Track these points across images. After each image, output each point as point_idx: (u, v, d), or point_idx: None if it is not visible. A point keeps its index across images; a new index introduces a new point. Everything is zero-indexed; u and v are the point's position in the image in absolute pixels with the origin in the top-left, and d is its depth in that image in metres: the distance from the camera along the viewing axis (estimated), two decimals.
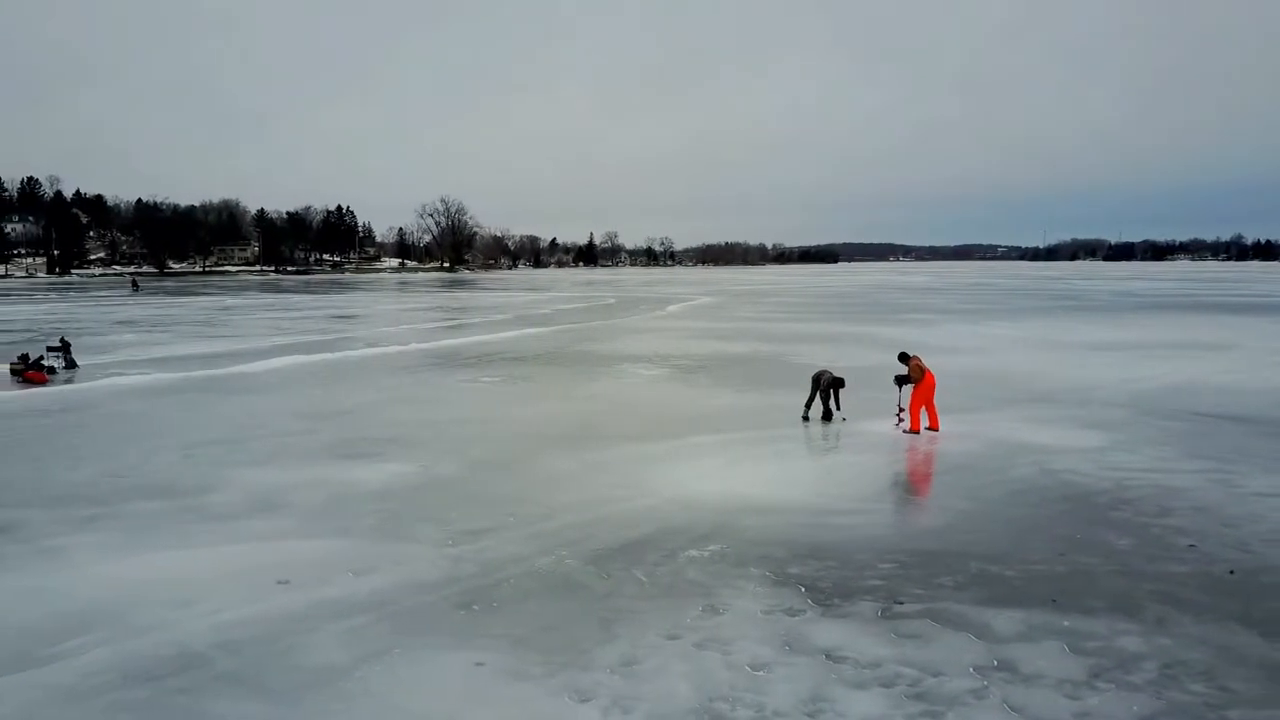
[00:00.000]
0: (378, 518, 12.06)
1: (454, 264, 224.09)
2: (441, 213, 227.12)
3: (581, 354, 33.03)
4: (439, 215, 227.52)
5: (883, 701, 7.08)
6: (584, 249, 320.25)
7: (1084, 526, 11.65)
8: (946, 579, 9.76)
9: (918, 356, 18.30)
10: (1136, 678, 7.45)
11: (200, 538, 11.28)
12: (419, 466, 14.92)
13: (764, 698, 7.12)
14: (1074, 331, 41.04)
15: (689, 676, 7.47)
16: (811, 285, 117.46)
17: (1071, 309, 59.51)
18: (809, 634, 8.33)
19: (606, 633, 8.37)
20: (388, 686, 7.35)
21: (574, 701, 7.08)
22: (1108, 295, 79.86)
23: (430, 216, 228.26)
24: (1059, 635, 8.28)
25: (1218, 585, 9.57)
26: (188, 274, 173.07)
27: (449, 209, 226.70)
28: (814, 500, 12.96)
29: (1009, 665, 7.68)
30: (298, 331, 42.90)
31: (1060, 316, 52.11)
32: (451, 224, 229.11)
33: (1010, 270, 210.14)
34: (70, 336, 38.23)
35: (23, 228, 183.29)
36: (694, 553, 10.64)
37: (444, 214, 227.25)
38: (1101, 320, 48.89)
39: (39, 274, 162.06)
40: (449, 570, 10.06)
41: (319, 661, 7.80)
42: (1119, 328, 43.51)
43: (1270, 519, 11.93)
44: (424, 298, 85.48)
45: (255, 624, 8.59)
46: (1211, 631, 8.36)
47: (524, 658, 7.85)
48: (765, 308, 65.23)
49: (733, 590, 9.44)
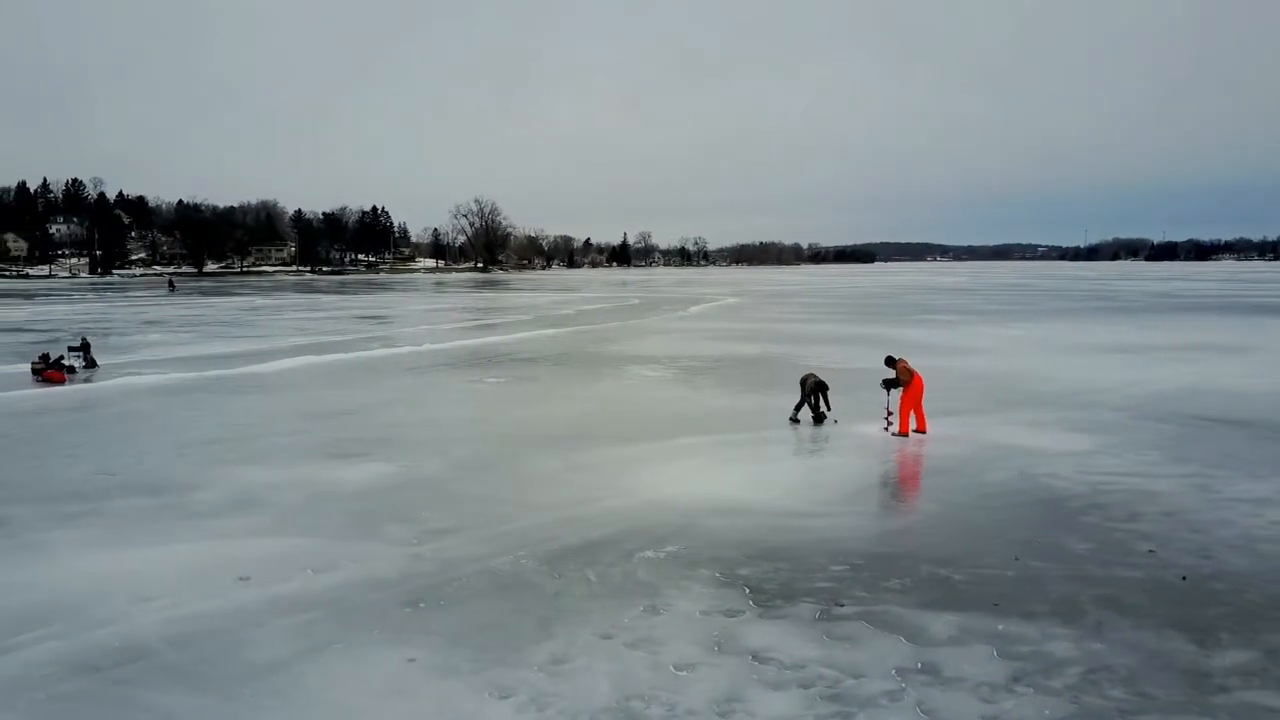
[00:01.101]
0: (350, 517, 12.32)
1: (487, 264, 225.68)
2: (475, 213, 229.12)
3: (592, 355, 33.26)
4: (473, 216, 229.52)
5: (796, 702, 7.19)
6: (617, 249, 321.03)
7: (1047, 530, 11.63)
8: (894, 582, 9.82)
9: (904, 359, 18.28)
10: (1057, 682, 7.49)
11: (175, 535, 11.61)
12: (402, 467, 15.19)
13: (679, 697, 7.25)
14: (1095, 333, 40.59)
15: (612, 675, 7.62)
16: (841, 286, 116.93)
17: (1100, 310, 58.79)
18: (742, 635, 8.45)
19: (543, 631, 8.55)
20: (320, 681, 7.58)
21: (493, 698, 7.26)
22: (1141, 296, 78.72)
23: (464, 217, 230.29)
24: (991, 639, 8.33)
25: (1166, 591, 9.55)
26: (225, 274, 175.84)
27: (483, 209, 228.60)
28: (784, 502, 13.04)
29: (932, 668, 7.75)
30: (318, 332, 43.55)
31: (1085, 318, 51.50)
32: (485, 224, 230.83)
33: (1047, 270, 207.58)
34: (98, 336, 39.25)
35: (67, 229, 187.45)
36: (650, 554, 10.78)
37: (478, 214, 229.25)
38: (1127, 322, 48.27)
39: (81, 274, 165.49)
40: (406, 569, 10.29)
41: (259, 656, 8.05)
42: (1143, 329, 42.96)
43: (1239, 525, 11.84)
44: (451, 298, 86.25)
45: (207, 619, 8.87)
46: (1146, 637, 8.37)
47: (456, 654, 8.04)
48: (789, 309, 65.09)
49: (678, 591, 9.58)
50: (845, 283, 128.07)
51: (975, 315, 54.40)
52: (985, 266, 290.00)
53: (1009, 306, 63.80)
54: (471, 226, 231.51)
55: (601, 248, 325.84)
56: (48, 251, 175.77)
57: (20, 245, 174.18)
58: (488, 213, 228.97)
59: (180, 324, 49.78)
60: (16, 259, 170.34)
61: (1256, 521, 11.96)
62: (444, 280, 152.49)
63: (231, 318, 55.44)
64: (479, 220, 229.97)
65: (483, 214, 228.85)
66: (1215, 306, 62.06)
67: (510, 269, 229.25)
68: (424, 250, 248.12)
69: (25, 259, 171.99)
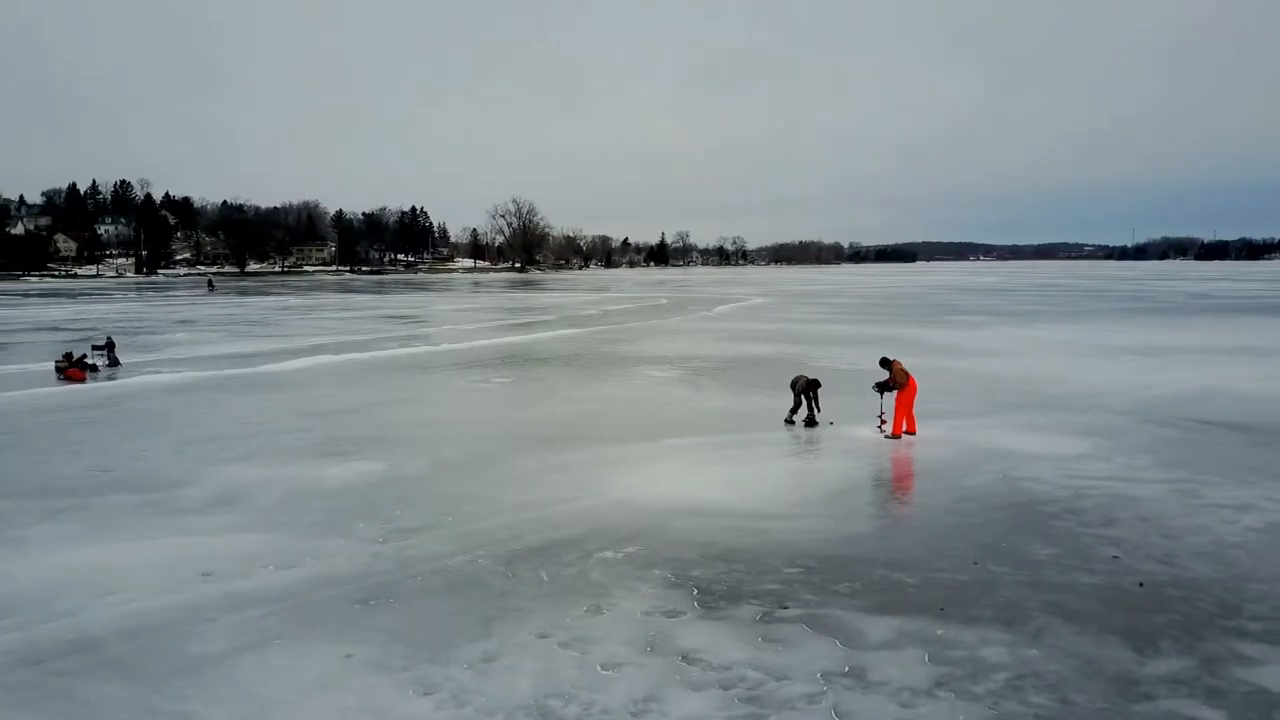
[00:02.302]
0: (324, 515, 12.54)
1: (524, 264, 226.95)
2: (513, 214, 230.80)
3: (604, 356, 33.38)
4: (510, 216, 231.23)
5: (713, 703, 7.24)
6: (655, 249, 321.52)
7: (1014, 535, 11.54)
8: (843, 585, 9.82)
9: (898, 360, 18.17)
10: (981, 688, 7.46)
11: (153, 530, 11.91)
12: (388, 465, 15.41)
13: (598, 696, 7.33)
14: (1119, 335, 39.94)
15: (536, 674, 7.72)
16: (876, 285, 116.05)
17: (1130, 311, 57.80)
18: (677, 636, 8.51)
19: (482, 630, 8.67)
20: (252, 675, 7.76)
21: (416, 694, 7.40)
22: (1178, 297, 77.20)
23: (502, 218, 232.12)
24: (926, 643, 8.31)
25: (1118, 597, 9.45)
26: (266, 274, 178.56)
27: (520, 210, 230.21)
28: (756, 504, 13.05)
29: (859, 672, 7.75)
30: (342, 332, 44.14)
31: (1113, 319, 50.68)
32: (523, 225, 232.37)
33: (1089, 270, 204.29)
34: (130, 335, 40.17)
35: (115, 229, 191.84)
36: (609, 554, 10.87)
37: (515, 215, 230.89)
38: (1155, 323, 47.42)
39: (128, 274, 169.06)
40: (365, 566, 10.47)
41: (200, 650, 8.26)
42: (1171, 331, 42.19)
43: (1214, 531, 11.66)
44: (482, 298, 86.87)
45: (160, 613, 9.11)
46: (1085, 644, 8.30)
47: (391, 651, 8.19)
48: (816, 309, 64.77)
49: (625, 591, 9.65)
50: (879, 283, 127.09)
51: (1001, 316, 53.76)
52: (1026, 266, 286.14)
53: (1039, 307, 62.94)
54: (509, 227, 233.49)
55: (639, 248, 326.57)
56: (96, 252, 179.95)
57: (70, 245, 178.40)
58: (525, 213, 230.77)
59: (211, 323, 50.72)
60: (66, 259, 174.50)
61: (1231, 529, 11.76)
62: (480, 280, 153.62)
63: (261, 317, 56.35)
64: (516, 220, 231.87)
65: (520, 214, 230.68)
66: (1252, 308, 60.73)
67: (547, 269, 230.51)
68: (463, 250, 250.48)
69: (74, 259, 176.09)
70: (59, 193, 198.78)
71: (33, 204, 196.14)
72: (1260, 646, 8.21)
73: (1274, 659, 7.96)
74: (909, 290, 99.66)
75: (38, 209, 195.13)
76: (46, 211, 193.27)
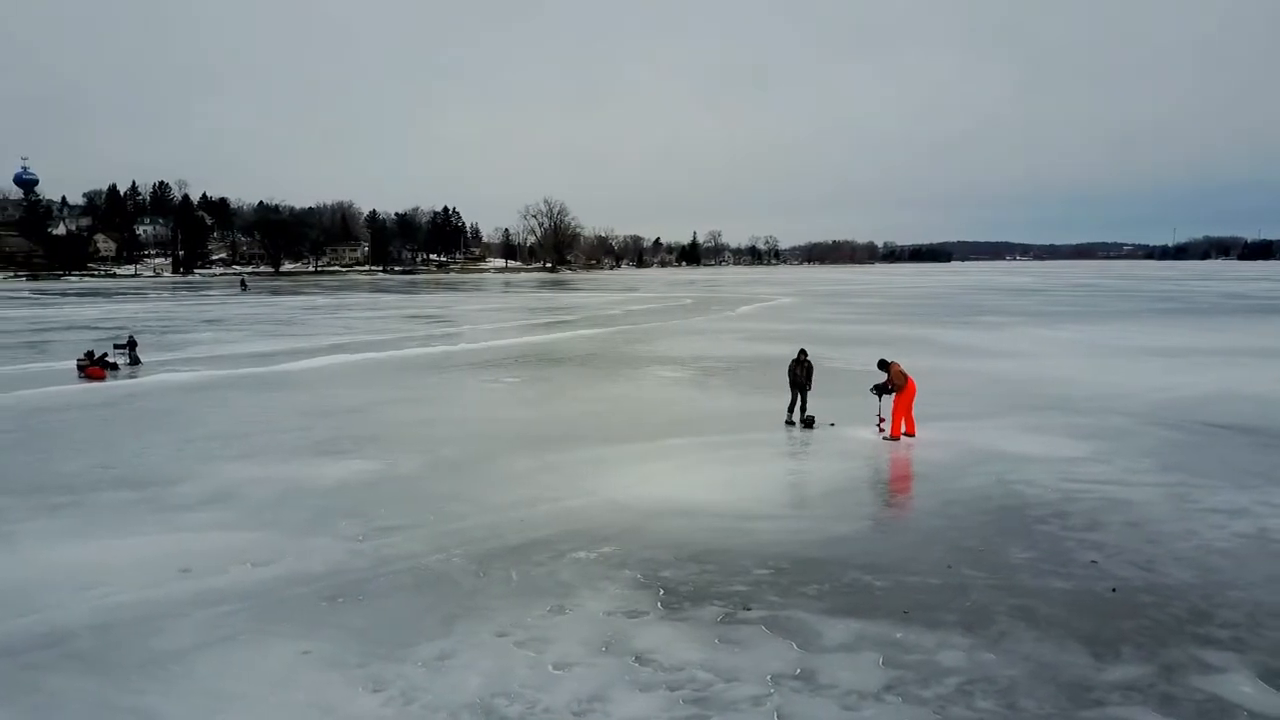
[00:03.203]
0: (311, 513, 12.70)
1: (556, 264, 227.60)
2: (544, 213, 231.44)
3: (617, 356, 33.42)
4: (541, 216, 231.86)
5: (657, 704, 7.26)
6: (686, 249, 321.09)
7: (996, 538, 11.44)
8: (812, 587, 9.79)
9: (897, 362, 18.05)
10: (930, 692, 7.42)
11: (142, 527, 12.13)
12: (383, 464, 15.56)
13: (544, 696, 7.38)
14: (1143, 336, 39.36)
15: (488, 673, 7.78)
16: (906, 285, 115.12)
17: (1161, 312, 56.89)
18: (634, 636, 8.53)
19: (444, 628, 8.76)
20: (210, 670, 7.90)
21: (365, 691, 7.49)
22: (1215, 298, 75.82)
23: (533, 217, 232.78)
24: (884, 647, 8.27)
25: (1088, 603, 9.34)
26: (300, 274, 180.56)
27: (551, 210, 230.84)
28: (742, 505, 13.03)
29: (809, 675, 7.74)
30: (364, 331, 44.57)
31: (1141, 320, 49.92)
32: (554, 225, 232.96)
33: (1126, 270, 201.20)
34: (158, 334, 40.86)
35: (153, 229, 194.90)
36: (583, 554, 10.91)
37: (546, 215, 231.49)
38: (1184, 324, 46.63)
39: (165, 273, 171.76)
40: (340, 564, 10.60)
41: (166, 645, 8.42)
42: (1198, 332, 41.48)
43: (1201, 536, 11.49)
44: (509, 298, 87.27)
45: (134, 608, 9.29)
46: (1044, 649, 8.22)
47: (351, 648, 8.30)
48: (840, 309, 64.41)
49: (592, 591, 9.69)
50: (909, 283, 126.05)
51: (1027, 317, 53.14)
52: (1061, 266, 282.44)
53: (1066, 308, 62.11)
54: (540, 227, 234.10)
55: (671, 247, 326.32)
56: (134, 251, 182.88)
57: (109, 245, 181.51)
58: (556, 213, 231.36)
59: (237, 323, 51.42)
60: (105, 259, 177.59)
61: (1219, 534, 11.58)
62: (510, 280, 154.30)
63: (288, 316, 57.04)
64: (547, 220, 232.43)
65: (551, 214, 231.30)
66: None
67: (578, 269, 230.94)
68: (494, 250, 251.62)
69: (114, 259, 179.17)
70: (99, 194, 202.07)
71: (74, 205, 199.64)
72: (1224, 654, 8.09)
73: (1235, 667, 7.84)
74: (938, 290, 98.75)
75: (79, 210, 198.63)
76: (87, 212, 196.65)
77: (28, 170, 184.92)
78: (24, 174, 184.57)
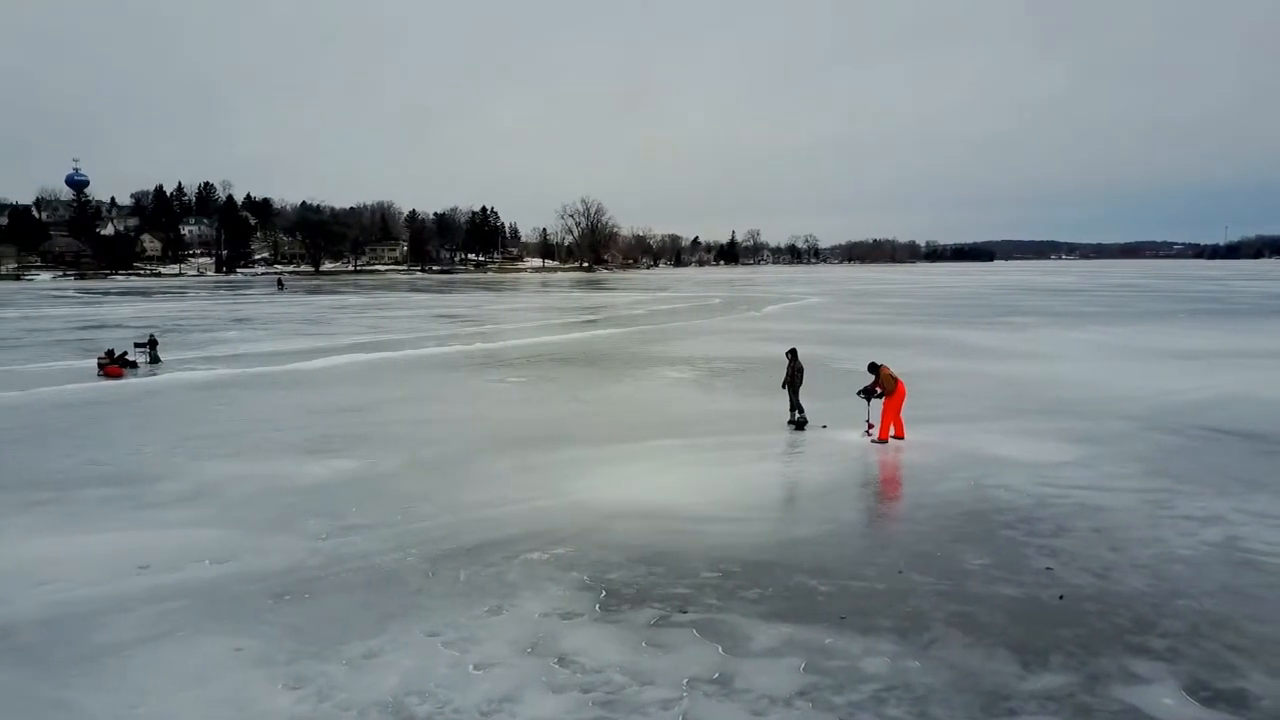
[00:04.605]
0: (282, 510, 12.91)
1: (592, 264, 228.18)
2: (581, 213, 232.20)
3: (629, 356, 33.47)
4: (579, 216, 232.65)
5: (565, 706, 7.30)
6: (725, 248, 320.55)
7: (955, 544, 11.33)
8: (755, 591, 9.78)
9: (886, 365, 17.91)
10: (842, 699, 7.39)
11: (116, 523, 12.41)
12: (365, 463, 15.76)
13: (457, 695, 7.46)
14: (1170, 337, 38.60)
15: (407, 672, 7.88)
16: (942, 285, 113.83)
17: (1199, 313, 55.66)
18: (562, 638, 8.58)
19: (378, 627, 8.87)
20: (140, 666, 8.08)
21: (284, 689, 7.61)
22: (1258, 298, 74.07)
23: (570, 217, 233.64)
24: (809, 652, 8.24)
25: (1030, 611, 9.23)
26: (339, 273, 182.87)
27: (588, 209, 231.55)
28: (710, 507, 13.02)
29: (726, 679, 7.74)
30: (386, 330, 45.08)
31: (1175, 321, 48.94)
32: (591, 224, 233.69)
33: (1172, 269, 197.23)
34: (183, 334, 41.63)
35: (198, 229, 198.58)
36: (536, 555, 10.98)
37: (583, 214, 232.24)
38: (1217, 325, 45.62)
39: (208, 272, 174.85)
40: (297, 562, 10.76)
41: (104, 640, 8.62)
42: (1227, 334, 40.57)
43: (1166, 544, 11.29)
44: (539, 298, 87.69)
45: (84, 603, 9.52)
46: (973, 657, 8.14)
47: (281, 646, 8.44)
48: (867, 309, 63.90)
49: (534, 592, 9.76)
50: (946, 282, 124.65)
51: (1055, 317, 52.34)
52: (1107, 265, 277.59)
53: (1101, 309, 61.05)
54: (577, 226, 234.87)
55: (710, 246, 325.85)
56: (179, 251, 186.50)
57: (155, 245, 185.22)
58: (593, 212, 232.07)
59: (265, 322, 52.25)
60: (151, 258, 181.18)
61: (1185, 541, 11.37)
62: (546, 280, 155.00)
63: (317, 315, 57.81)
64: (584, 220, 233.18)
65: (588, 214, 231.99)
66: None
67: (615, 268, 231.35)
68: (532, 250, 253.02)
69: (159, 258, 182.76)
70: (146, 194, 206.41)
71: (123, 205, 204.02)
72: (1155, 665, 7.96)
73: (1162, 678, 7.71)
74: (974, 290, 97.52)
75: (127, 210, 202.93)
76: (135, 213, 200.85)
77: (79, 172, 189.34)
78: (75, 175, 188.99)
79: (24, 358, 33.32)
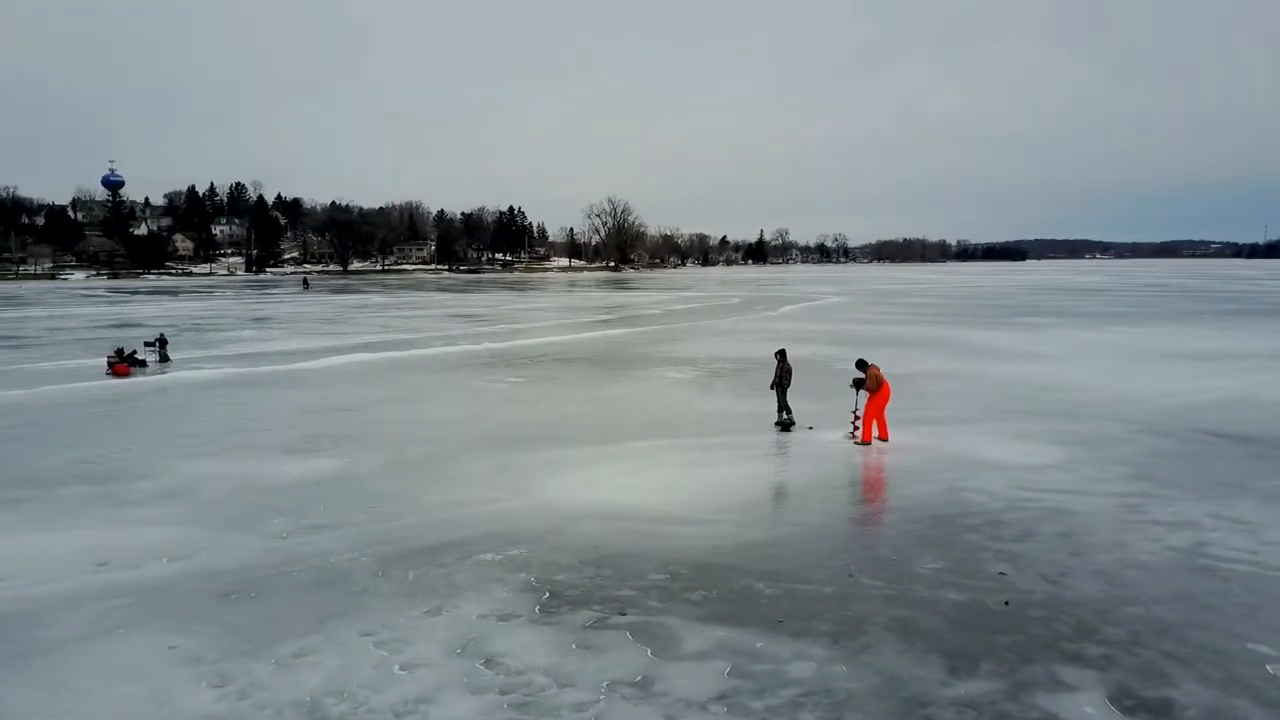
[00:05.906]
0: (251, 510, 13.03)
1: (619, 263, 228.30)
2: (608, 213, 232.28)
3: (633, 356, 33.44)
4: (605, 215, 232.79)
5: (480, 707, 7.32)
6: (753, 247, 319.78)
7: (913, 547, 11.22)
8: (699, 593, 9.74)
9: (875, 365, 17.77)
10: (760, 703, 7.35)
11: (88, 521, 12.58)
12: (344, 463, 15.87)
13: (375, 696, 7.49)
14: (1187, 339, 37.99)
15: (331, 672, 7.92)
16: (968, 285, 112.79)
17: (1221, 314, 54.75)
18: (494, 639, 8.60)
19: (315, 626, 8.93)
20: (72, 662, 8.18)
21: (207, 687, 7.69)
22: None
23: (597, 217, 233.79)
24: (738, 656, 8.20)
25: (971, 616, 9.12)
26: (367, 272, 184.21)
27: (615, 209, 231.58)
28: (675, 509, 12.98)
29: (647, 683, 7.72)
30: (399, 330, 45.38)
31: (1194, 322, 48.17)
32: (617, 224, 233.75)
33: (1206, 269, 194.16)
34: (200, 333, 42.12)
35: (229, 229, 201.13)
36: (490, 556, 11.01)
37: (610, 214, 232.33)
38: (1240, 326, 44.83)
39: (238, 272, 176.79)
40: (252, 561, 10.86)
41: (47, 636, 8.75)
42: (1248, 335, 39.88)
43: (1130, 549, 11.13)
44: (558, 298, 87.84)
45: (34, 600, 9.67)
46: (902, 663, 8.06)
47: (216, 644, 8.52)
48: (888, 309, 63.42)
49: (478, 593, 9.78)
50: (973, 282, 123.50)
51: (1074, 318, 51.68)
52: (1140, 265, 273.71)
53: (1124, 309, 60.20)
54: (604, 226, 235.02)
55: (738, 245, 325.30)
56: (211, 251, 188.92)
57: (187, 245, 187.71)
58: (620, 212, 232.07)
59: (282, 321, 52.77)
60: (183, 258, 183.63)
61: (1150, 547, 11.20)
62: (572, 280, 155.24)
63: (335, 315, 58.29)
64: (611, 220, 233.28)
65: (615, 213, 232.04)
66: None
67: (642, 268, 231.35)
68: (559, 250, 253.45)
69: (191, 258, 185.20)
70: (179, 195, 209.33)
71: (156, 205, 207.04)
72: (1086, 673, 7.84)
73: (1090, 686, 7.59)
74: (999, 290, 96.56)
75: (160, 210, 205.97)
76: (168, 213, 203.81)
77: (115, 173, 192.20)
78: (111, 176, 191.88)
79: (38, 356, 33.88)
